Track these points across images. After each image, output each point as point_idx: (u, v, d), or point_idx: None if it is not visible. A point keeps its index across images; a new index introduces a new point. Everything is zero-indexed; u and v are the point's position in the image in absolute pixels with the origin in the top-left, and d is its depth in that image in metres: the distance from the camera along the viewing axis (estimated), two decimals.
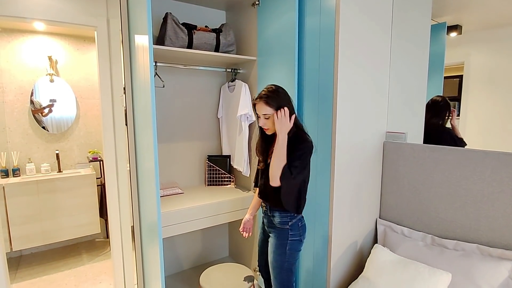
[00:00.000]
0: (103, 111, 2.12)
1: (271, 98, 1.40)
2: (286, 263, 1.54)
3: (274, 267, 1.56)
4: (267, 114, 1.42)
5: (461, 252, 1.47)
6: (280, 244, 1.53)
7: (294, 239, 1.52)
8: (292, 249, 1.53)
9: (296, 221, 1.52)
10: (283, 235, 1.52)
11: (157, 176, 1.42)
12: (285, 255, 1.52)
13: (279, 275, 1.56)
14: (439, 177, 1.59)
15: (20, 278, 2.51)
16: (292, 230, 1.52)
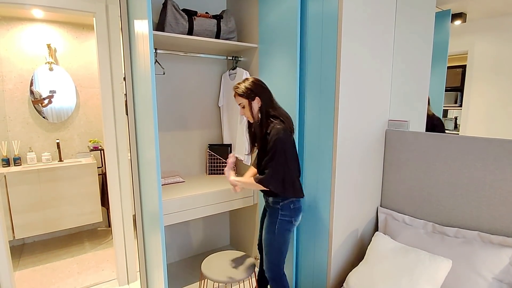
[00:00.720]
0: (103, 100, 2.10)
1: (242, 89, 1.52)
2: (275, 242, 1.59)
3: (265, 245, 1.64)
4: (241, 104, 1.55)
5: (462, 239, 1.48)
6: (270, 222, 1.61)
7: (284, 219, 1.58)
8: (281, 229, 1.57)
9: (288, 202, 1.58)
10: (274, 214, 1.59)
11: (158, 165, 1.41)
12: (274, 234, 1.58)
13: (269, 254, 1.63)
14: (441, 165, 1.59)
15: (23, 266, 2.54)
16: (282, 210, 1.58)
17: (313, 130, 1.73)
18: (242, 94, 1.52)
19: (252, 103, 1.52)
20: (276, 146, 1.44)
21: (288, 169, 1.51)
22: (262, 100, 1.52)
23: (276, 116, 1.52)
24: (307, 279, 1.90)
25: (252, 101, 1.52)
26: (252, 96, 1.51)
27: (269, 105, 1.54)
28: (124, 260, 2.26)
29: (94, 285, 2.27)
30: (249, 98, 1.51)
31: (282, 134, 1.45)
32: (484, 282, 1.32)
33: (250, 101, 1.52)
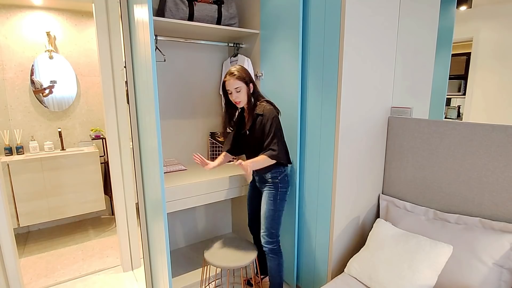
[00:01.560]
0: (104, 88, 2.09)
1: (240, 73, 1.63)
2: (277, 212, 1.74)
3: (267, 216, 1.75)
4: (238, 87, 1.63)
5: (463, 225, 1.48)
6: (271, 194, 1.74)
7: (283, 190, 1.75)
8: (281, 199, 1.75)
9: (283, 175, 1.75)
10: (274, 186, 1.73)
11: (160, 153, 1.42)
12: (276, 204, 1.74)
13: (271, 223, 1.75)
14: (444, 152, 1.58)
15: (29, 252, 2.58)
16: (281, 182, 1.74)
17: (315, 116, 1.72)
18: (241, 78, 1.62)
19: (248, 87, 1.65)
20: (275, 123, 1.62)
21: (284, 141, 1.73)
22: (254, 86, 1.69)
23: (264, 99, 1.71)
24: (308, 265, 1.93)
25: (248, 86, 1.65)
26: (248, 81, 1.64)
27: (257, 90, 1.73)
28: (128, 247, 2.29)
29: (99, 271, 2.31)
30: (246, 83, 1.64)
31: (275, 112, 1.64)
32: (485, 267, 1.33)
33: (247, 85, 1.65)
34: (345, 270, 1.65)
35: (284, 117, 1.89)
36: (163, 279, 1.63)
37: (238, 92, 1.63)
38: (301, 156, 1.85)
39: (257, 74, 2.10)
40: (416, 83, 1.99)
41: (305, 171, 1.85)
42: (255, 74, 2.11)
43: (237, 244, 1.89)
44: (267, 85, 2.02)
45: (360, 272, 1.56)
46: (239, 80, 1.61)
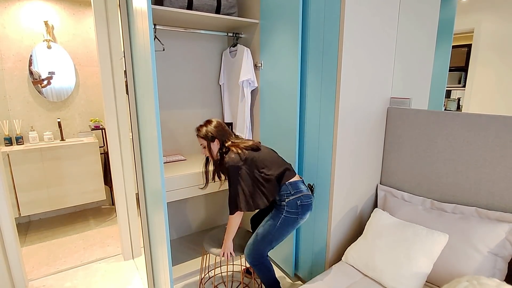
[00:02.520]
0: (102, 78, 2.08)
1: (202, 131, 1.64)
2: (270, 235, 1.58)
3: (259, 232, 1.62)
4: (202, 144, 1.67)
5: (459, 215, 1.50)
6: (275, 215, 1.60)
7: (290, 216, 1.56)
8: (284, 224, 1.57)
9: (294, 199, 1.56)
10: (280, 209, 1.58)
11: (160, 143, 1.42)
12: (274, 227, 1.57)
13: (258, 242, 1.61)
14: (442, 142, 1.59)
15: (30, 242, 2.61)
16: (288, 206, 1.56)
17: (314, 106, 1.72)
18: (203, 136, 1.64)
19: (211, 144, 1.63)
20: (231, 174, 1.53)
21: (248, 186, 1.56)
22: (220, 143, 1.63)
23: (234, 147, 1.59)
24: (306, 254, 1.95)
25: (212, 143, 1.63)
26: (211, 138, 1.62)
27: (229, 141, 1.63)
28: (128, 237, 2.32)
29: (100, 259, 2.34)
30: (208, 140, 1.63)
31: (233, 161, 1.53)
32: (480, 256, 1.35)
33: (209, 142, 1.63)
34: (343, 258, 1.67)
35: (283, 108, 1.89)
36: (164, 268, 1.66)
37: (204, 148, 1.67)
38: (300, 147, 1.86)
39: (256, 64, 2.09)
40: (415, 74, 1.99)
41: (304, 162, 1.86)
42: (255, 64, 2.11)
43: (236, 233, 1.92)
44: (267, 76, 2.02)
45: (357, 260, 1.58)
46: (202, 138, 1.65)
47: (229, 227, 1.62)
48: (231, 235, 1.64)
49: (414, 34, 1.89)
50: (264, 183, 1.57)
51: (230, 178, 1.55)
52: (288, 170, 1.62)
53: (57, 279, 2.10)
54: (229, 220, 1.61)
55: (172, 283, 1.59)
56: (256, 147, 1.62)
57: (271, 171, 1.57)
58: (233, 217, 1.59)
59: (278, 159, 1.66)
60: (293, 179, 1.60)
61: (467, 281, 1.18)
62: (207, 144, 1.65)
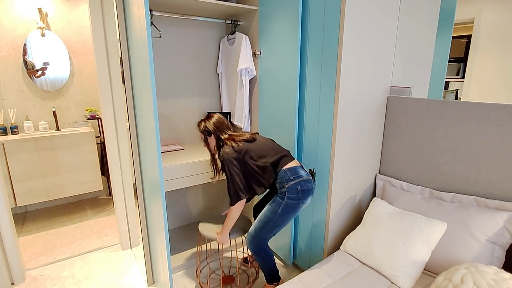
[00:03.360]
0: (98, 67, 2.04)
1: (199, 125, 1.71)
2: (272, 222, 1.59)
3: (260, 219, 1.63)
4: (202, 138, 1.73)
5: (458, 204, 1.50)
6: (276, 202, 1.60)
7: (291, 202, 1.56)
8: (286, 210, 1.57)
9: (294, 184, 1.56)
10: (281, 196, 1.59)
11: (157, 132, 1.40)
12: (275, 214, 1.58)
13: (259, 229, 1.63)
14: (442, 131, 1.58)
15: (27, 232, 2.60)
16: (289, 192, 1.56)
17: (314, 95, 1.70)
18: (201, 130, 1.71)
19: (209, 138, 1.69)
20: (226, 165, 1.57)
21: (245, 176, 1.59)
22: (216, 137, 1.67)
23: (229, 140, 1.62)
24: (305, 243, 1.96)
25: (209, 137, 1.69)
26: (208, 132, 1.67)
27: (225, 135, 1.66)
28: (126, 226, 2.31)
29: (98, 249, 2.34)
30: (205, 134, 1.69)
31: (228, 153, 1.56)
32: (477, 244, 1.36)
33: (206, 137, 1.70)
34: (341, 247, 1.68)
35: (282, 96, 1.87)
36: (162, 257, 1.65)
37: (204, 142, 1.73)
38: (299, 136, 1.84)
39: (255, 52, 2.06)
40: (416, 63, 1.97)
41: (303, 151, 1.85)
42: (253, 53, 2.07)
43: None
44: (265, 64, 1.99)
45: (355, 249, 1.59)
46: (200, 132, 1.72)
47: (230, 217, 1.63)
48: (230, 225, 1.65)
49: (415, 23, 1.86)
50: (260, 171, 1.59)
51: (226, 171, 1.57)
52: (285, 156, 1.63)
53: (54, 269, 2.10)
54: (230, 210, 1.61)
55: (170, 272, 1.59)
56: (251, 139, 1.64)
57: (266, 159, 1.59)
58: (234, 207, 1.59)
59: (275, 147, 1.67)
60: (291, 165, 1.60)
61: (466, 268, 1.19)
62: (204, 138, 1.71)
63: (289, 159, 1.63)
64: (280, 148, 1.67)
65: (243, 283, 1.95)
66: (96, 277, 2.02)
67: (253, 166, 1.59)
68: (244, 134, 1.67)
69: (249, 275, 2.03)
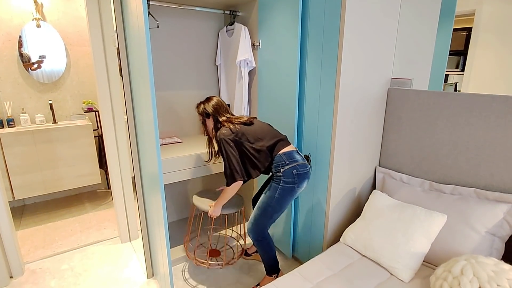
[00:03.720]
0: (94, 58, 2.01)
1: (198, 107, 1.72)
2: (270, 208, 1.61)
3: (258, 207, 1.66)
4: (201, 120, 1.74)
5: (458, 196, 1.50)
6: (273, 187, 1.61)
7: (287, 186, 1.57)
8: (282, 195, 1.59)
9: (289, 168, 1.57)
10: (277, 180, 1.60)
11: (156, 125, 1.39)
12: (273, 199, 1.60)
13: (259, 216, 1.65)
14: (443, 123, 1.57)
15: (25, 225, 2.59)
16: (284, 176, 1.57)
17: (314, 87, 1.68)
18: (200, 112, 1.72)
19: (207, 120, 1.70)
20: (223, 146, 1.59)
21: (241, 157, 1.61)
22: (215, 119, 1.68)
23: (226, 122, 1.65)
24: (304, 236, 1.96)
25: (207, 119, 1.70)
26: (206, 114, 1.69)
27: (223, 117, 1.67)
28: (125, 220, 2.30)
29: (97, 242, 2.33)
30: (204, 116, 1.71)
31: (224, 134, 1.59)
32: (477, 235, 1.36)
33: (204, 119, 1.71)
34: (341, 239, 1.68)
35: (281, 88, 1.85)
36: (162, 250, 1.65)
37: (202, 124, 1.74)
38: (299, 128, 1.83)
39: (254, 43, 2.03)
40: (417, 55, 1.95)
41: (302, 142, 1.83)
42: (253, 44, 2.05)
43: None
44: (265, 55, 1.96)
45: (355, 241, 1.59)
46: (199, 114, 1.73)
47: (224, 195, 1.68)
48: (223, 201, 1.71)
49: (417, 13, 1.83)
50: (256, 154, 1.61)
51: (223, 152, 1.59)
52: (281, 140, 1.65)
53: (53, 262, 2.09)
54: (225, 190, 1.65)
55: (170, 265, 1.59)
56: (249, 122, 1.66)
57: (262, 142, 1.61)
58: (230, 188, 1.62)
59: (272, 131, 1.69)
60: (287, 149, 1.62)
61: (465, 260, 1.19)
62: (203, 120, 1.73)
63: (286, 143, 1.65)
64: (277, 133, 1.69)
65: (228, 257, 2.05)
66: (96, 270, 2.02)
67: (249, 149, 1.60)
68: (242, 117, 1.69)
69: (234, 251, 2.13)
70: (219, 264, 1.96)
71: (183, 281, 1.90)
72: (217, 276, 1.94)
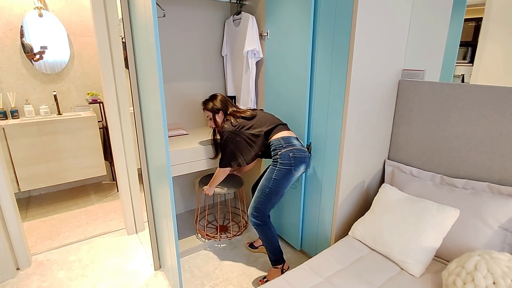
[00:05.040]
0: (99, 49, 1.97)
1: (207, 104, 1.81)
2: (267, 189, 1.66)
3: (258, 189, 1.71)
4: (208, 116, 1.82)
5: (470, 190, 1.48)
6: (270, 169, 1.67)
7: (283, 168, 1.62)
8: (279, 176, 1.63)
9: (286, 151, 1.62)
10: (274, 163, 1.66)
11: (164, 117, 1.36)
12: (270, 180, 1.65)
13: (258, 198, 1.70)
14: (456, 116, 1.54)
15: (31, 216, 2.59)
16: (281, 158, 1.62)
17: (324, 78, 1.64)
18: (208, 108, 1.80)
19: (216, 116, 1.80)
20: (223, 140, 1.72)
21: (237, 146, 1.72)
22: (224, 113, 1.80)
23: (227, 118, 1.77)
24: (312, 229, 1.95)
25: (217, 114, 1.80)
26: (216, 110, 1.79)
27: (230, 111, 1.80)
28: (131, 212, 2.30)
29: (104, 234, 2.34)
30: (213, 112, 1.79)
31: (226, 129, 1.71)
32: (490, 230, 1.34)
33: (214, 114, 1.79)
34: (349, 233, 1.67)
35: (290, 80, 1.81)
36: (170, 242, 1.64)
37: (210, 120, 1.82)
38: (309, 119, 1.79)
39: (261, 33, 1.99)
40: (429, 46, 1.90)
41: (311, 134, 1.81)
42: (260, 34, 2.00)
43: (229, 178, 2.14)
44: (273, 46, 1.92)
45: (364, 234, 1.57)
46: (207, 110, 1.81)
47: (216, 177, 1.88)
48: (215, 183, 1.91)
49: (429, 4, 1.78)
50: (253, 138, 1.72)
51: (222, 142, 1.73)
52: (280, 125, 1.73)
53: (61, 253, 2.10)
54: (217, 171, 1.84)
55: (178, 257, 1.59)
56: (251, 116, 1.75)
57: (261, 128, 1.72)
58: (221, 170, 1.82)
59: (272, 118, 1.78)
60: (285, 134, 1.69)
61: (479, 255, 1.17)
62: (213, 115, 1.80)
63: (284, 128, 1.74)
64: (278, 120, 1.77)
65: (234, 231, 2.31)
66: (103, 261, 2.02)
67: (247, 135, 1.71)
68: (245, 112, 1.78)
69: (240, 226, 2.38)
70: (228, 237, 2.22)
71: (190, 273, 1.91)
72: (224, 268, 1.94)
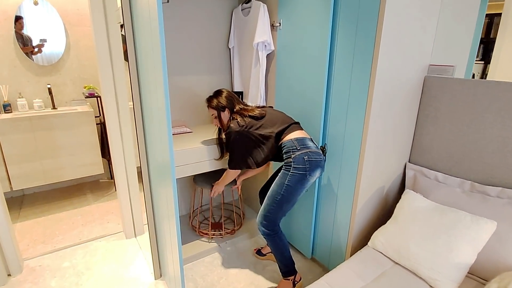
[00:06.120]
0: (96, 40, 1.81)
1: (211, 102, 1.65)
2: (279, 196, 1.51)
3: (268, 196, 1.57)
4: (213, 114, 1.67)
5: (506, 200, 1.33)
6: (283, 174, 1.52)
7: (297, 173, 1.47)
8: (293, 182, 1.48)
9: (300, 154, 1.47)
10: (287, 167, 1.51)
11: (168, 113, 1.22)
12: (282, 186, 1.50)
13: (268, 207, 1.56)
14: (491, 117, 1.39)
15: (24, 217, 2.45)
16: (295, 162, 1.47)
17: (344, 73, 1.49)
18: (213, 106, 1.65)
19: (222, 114, 1.64)
20: (230, 140, 1.56)
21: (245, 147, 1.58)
22: (230, 111, 1.63)
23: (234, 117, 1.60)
24: (325, 237, 1.81)
25: (223, 112, 1.64)
26: (221, 108, 1.63)
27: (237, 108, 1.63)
28: (130, 213, 2.16)
29: (100, 237, 2.19)
30: (219, 110, 1.64)
31: (232, 128, 1.54)
32: None
33: (220, 112, 1.64)
34: (369, 243, 1.53)
35: (305, 74, 1.66)
36: (172, 248, 1.50)
37: (215, 118, 1.67)
38: (325, 118, 1.64)
39: (273, 24, 1.83)
40: (457, 41, 1.74)
41: (327, 135, 1.66)
42: (272, 24, 1.84)
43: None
44: (285, 37, 1.76)
45: (387, 246, 1.43)
46: (212, 108, 1.66)
47: (225, 177, 1.78)
48: (225, 182, 1.82)
49: None
50: (262, 139, 1.57)
51: (229, 144, 1.58)
52: (292, 125, 1.59)
53: (54, 259, 1.96)
54: (227, 172, 1.72)
55: (181, 263, 1.45)
56: (260, 116, 1.59)
57: (272, 129, 1.57)
58: (230, 172, 1.69)
59: (283, 117, 1.63)
60: (299, 135, 1.54)
61: None
62: (218, 113, 1.65)
63: (297, 128, 1.58)
64: (290, 119, 1.62)
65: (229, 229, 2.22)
66: (99, 268, 1.88)
67: (255, 135, 1.56)
68: (253, 110, 1.61)
69: (235, 223, 2.28)
70: (221, 234, 2.14)
71: (193, 283, 1.77)
72: (230, 277, 1.80)
